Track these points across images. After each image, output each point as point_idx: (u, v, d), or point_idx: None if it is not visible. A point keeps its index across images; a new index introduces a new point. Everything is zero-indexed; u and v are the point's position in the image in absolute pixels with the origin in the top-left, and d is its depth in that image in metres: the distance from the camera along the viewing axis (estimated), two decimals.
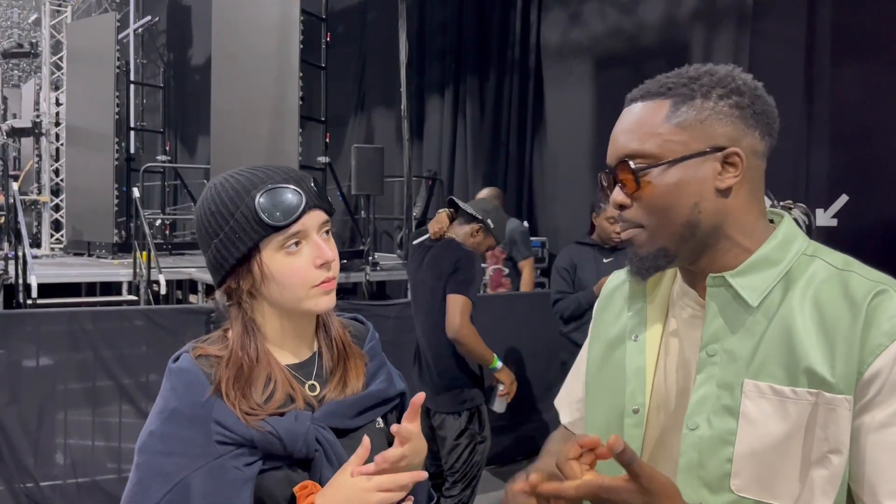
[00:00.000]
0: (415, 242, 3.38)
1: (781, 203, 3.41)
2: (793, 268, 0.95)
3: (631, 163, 0.96)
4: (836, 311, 0.89)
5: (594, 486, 0.84)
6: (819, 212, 4.99)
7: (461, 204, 3.26)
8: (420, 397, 1.07)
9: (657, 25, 6.00)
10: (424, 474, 1.06)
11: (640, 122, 0.97)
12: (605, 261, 3.70)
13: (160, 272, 6.26)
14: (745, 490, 0.91)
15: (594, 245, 3.78)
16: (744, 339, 0.93)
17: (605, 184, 1.04)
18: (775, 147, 1.06)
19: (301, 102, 6.68)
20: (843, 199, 4.94)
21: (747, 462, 0.91)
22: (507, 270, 5.44)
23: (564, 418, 1.26)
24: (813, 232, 3.33)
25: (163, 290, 6.19)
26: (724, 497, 0.92)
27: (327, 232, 1.12)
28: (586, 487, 0.84)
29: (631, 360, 1.05)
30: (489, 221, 3.18)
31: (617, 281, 1.19)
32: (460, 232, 3.21)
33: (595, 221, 3.77)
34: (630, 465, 0.82)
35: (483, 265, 3.90)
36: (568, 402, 1.25)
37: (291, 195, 1.06)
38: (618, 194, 0.98)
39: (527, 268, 5.40)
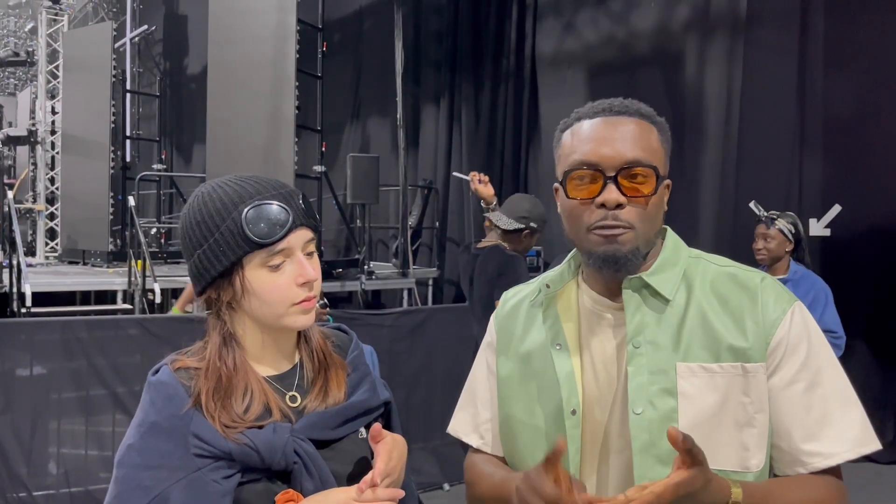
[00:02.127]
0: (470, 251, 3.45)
1: (767, 213, 3.42)
2: (687, 268, 1.12)
3: (656, 168, 1.08)
4: (737, 298, 1.08)
5: (672, 486, 0.91)
6: (812, 221, 5.01)
7: (502, 223, 3.26)
8: (376, 428, 1.07)
9: (650, 34, 6.04)
10: (401, 493, 1.06)
11: (644, 139, 1.09)
12: None
13: (155, 281, 6.26)
14: None
15: None
16: (664, 329, 1.08)
17: (580, 182, 1.10)
18: (769, 157, 1.16)
19: (297, 111, 6.69)
20: (837, 208, 4.96)
21: (692, 434, 0.96)
22: None
23: (475, 442, 1.27)
24: (803, 240, 3.34)
25: (158, 299, 6.18)
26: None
27: (311, 252, 1.12)
28: (668, 491, 0.91)
29: (560, 366, 1.12)
30: (532, 224, 3.22)
31: (514, 299, 1.26)
32: (507, 239, 3.26)
33: None
34: (692, 448, 0.91)
35: None
36: (474, 425, 1.26)
37: (279, 212, 1.06)
38: (617, 194, 1.06)
39: None
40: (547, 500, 0.95)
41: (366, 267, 6.92)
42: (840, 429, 1.05)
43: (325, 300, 3.80)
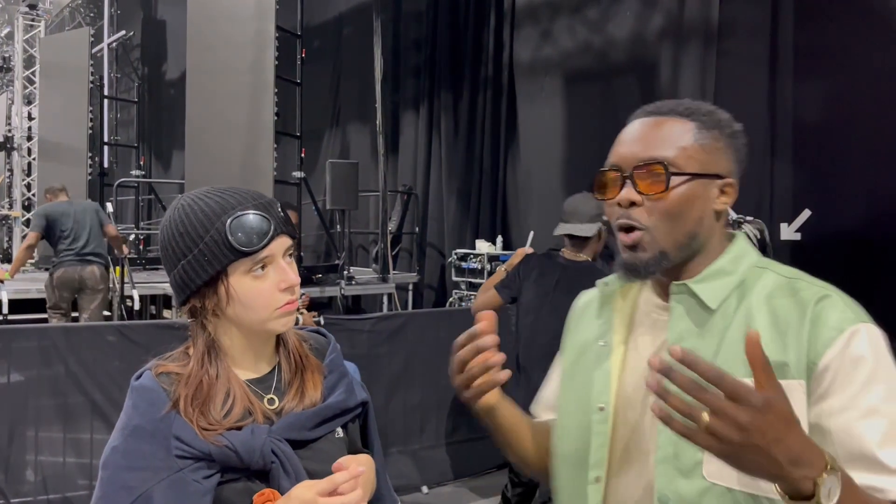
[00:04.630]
0: (540, 254, 3.37)
1: (735, 218, 3.49)
2: (747, 278, 1.06)
3: (667, 165, 1.04)
4: (788, 311, 1.00)
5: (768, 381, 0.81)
6: (783, 226, 5.11)
7: (577, 232, 3.16)
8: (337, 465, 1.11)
9: (626, 43, 6.13)
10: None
11: (669, 134, 1.06)
12: None
13: (134, 287, 6.24)
14: (715, 477, 0.98)
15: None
16: (705, 339, 1.03)
17: (605, 182, 1.10)
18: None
19: (276, 118, 6.69)
20: (807, 213, 5.06)
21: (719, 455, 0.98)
22: None
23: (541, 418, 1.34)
24: (768, 246, 3.41)
25: (136, 306, 6.17)
26: (697, 483, 0.99)
27: (290, 255, 1.16)
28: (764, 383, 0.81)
29: (598, 362, 1.14)
30: (604, 229, 3.26)
31: (587, 297, 1.28)
32: (585, 247, 3.18)
33: None
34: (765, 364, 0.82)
35: None
36: (545, 406, 1.33)
37: (261, 221, 1.11)
38: (632, 193, 1.05)
39: None
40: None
41: (345, 272, 6.94)
42: None
43: (321, 319, 3.81)
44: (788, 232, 5.07)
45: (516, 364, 3.28)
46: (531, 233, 5.95)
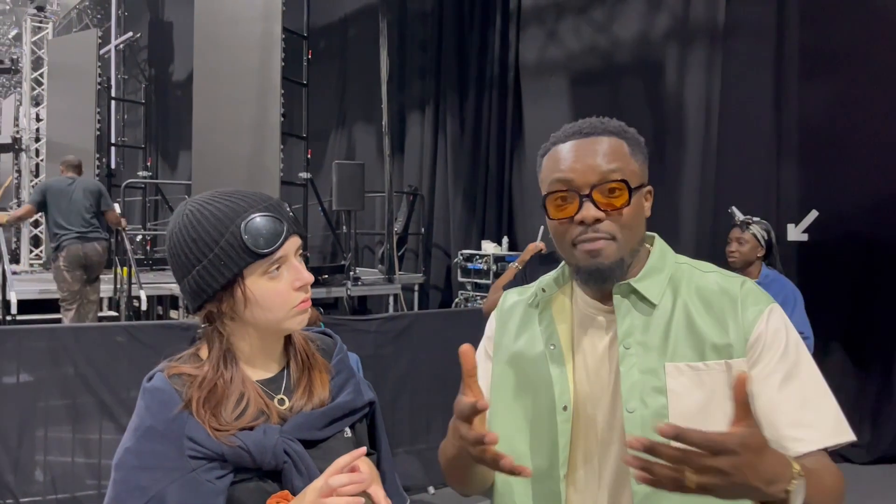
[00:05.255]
0: None
1: (743, 218, 3.49)
2: (673, 273, 1.19)
3: (627, 181, 1.13)
4: (719, 300, 1.15)
5: (739, 434, 0.89)
6: (790, 227, 5.11)
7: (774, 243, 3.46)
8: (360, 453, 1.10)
9: (632, 44, 6.13)
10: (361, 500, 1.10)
11: (615, 154, 1.15)
12: None
13: (141, 288, 6.26)
14: None
15: None
16: (652, 331, 1.14)
17: (558, 203, 1.16)
18: (747, 163, 1.22)
19: (282, 119, 6.72)
20: (814, 213, 5.06)
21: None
22: None
23: None
24: (774, 247, 3.42)
25: (143, 306, 6.20)
26: None
27: (300, 255, 1.19)
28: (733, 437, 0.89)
29: (554, 365, 1.20)
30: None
31: (511, 300, 1.34)
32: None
33: None
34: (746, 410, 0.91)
35: None
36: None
37: (274, 222, 1.12)
38: (594, 210, 1.13)
39: None
40: (460, 414, 1.03)
41: (352, 273, 6.96)
42: (818, 416, 1.10)
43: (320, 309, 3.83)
44: (795, 233, 5.07)
45: None
46: (542, 227, 5.93)
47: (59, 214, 6.02)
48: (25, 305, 6.21)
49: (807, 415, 1.09)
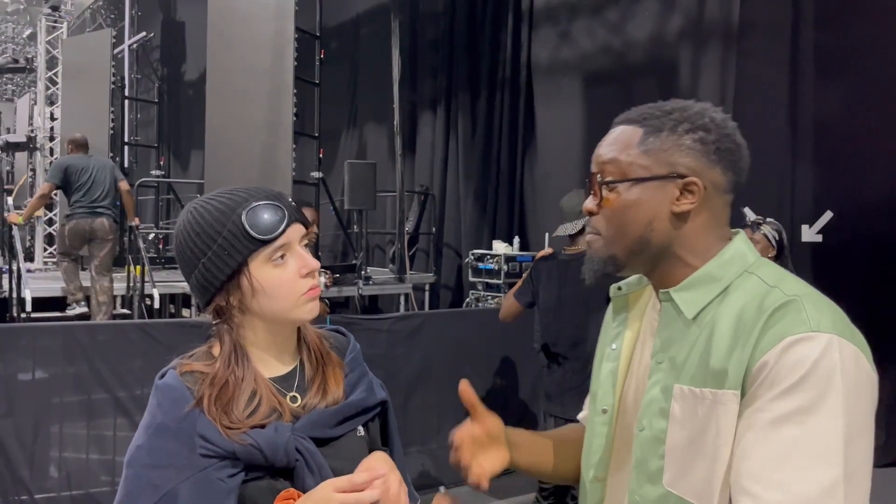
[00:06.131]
0: None
1: (754, 219, 3.48)
2: (732, 284, 1.02)
3: (599, 175, 1.07)
4: (749, 317, 0.95)
5: None
6: (804, 227, 5.08)
7: (565, 232, 3.45)
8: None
9: (645, 44, 6.11)
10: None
11: (616, 142, 1.08)
12: None
13: (153, 286, 6.29)
14: (672, 485, 1.00)
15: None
16: (682, 347, 1.02)
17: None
18: (761, 164, 1.15)
19: (295, 118, 6.74)
20: (828, 214, 5.02)
21: (673, 459, 1.00)
22: None
23: (580, 414, 1.37)
24: (785, 248, 3.40)
25: (156, 304, 6.23)
26: (658, 490, 1.02)
27: (305, 245, 1.19)
28: None
29: (606, 367, 1.17)
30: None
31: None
32: (579, 240, 3.41)
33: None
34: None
35: None
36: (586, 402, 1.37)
37: (274, 209, 1.13)
38: (589, 202, 1.10)
39: None
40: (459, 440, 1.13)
41: (363, 272, 6.97)
42: (793, 480, 0.86)
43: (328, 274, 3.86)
44: (810, 234, 5.03)
45: (546, 354, 3.52)
46: (546, 235, 5.95)
47: (80, 190, 6.26)
48: (40, 303, 6.25)
49: (777, 473, 0.86)
